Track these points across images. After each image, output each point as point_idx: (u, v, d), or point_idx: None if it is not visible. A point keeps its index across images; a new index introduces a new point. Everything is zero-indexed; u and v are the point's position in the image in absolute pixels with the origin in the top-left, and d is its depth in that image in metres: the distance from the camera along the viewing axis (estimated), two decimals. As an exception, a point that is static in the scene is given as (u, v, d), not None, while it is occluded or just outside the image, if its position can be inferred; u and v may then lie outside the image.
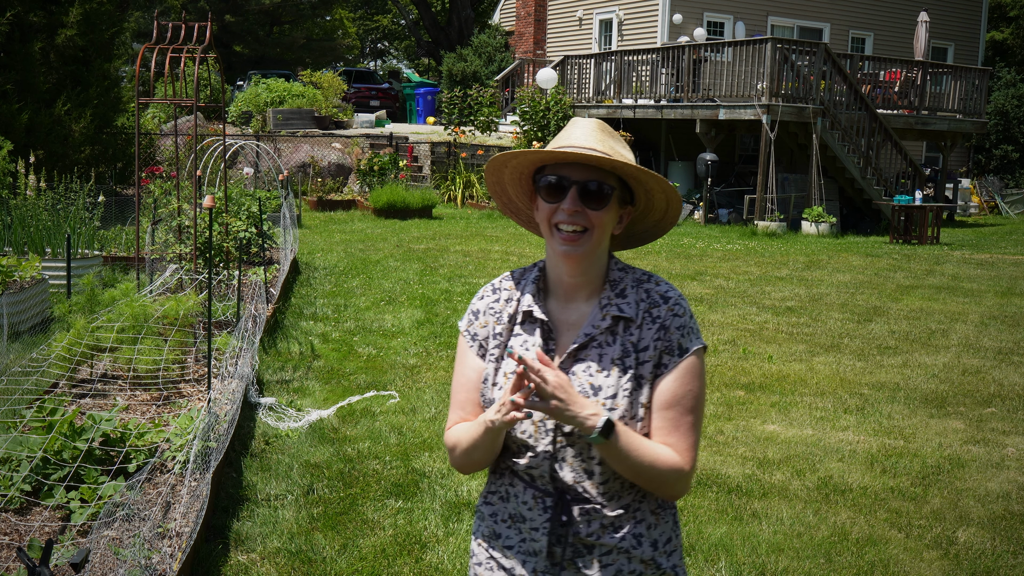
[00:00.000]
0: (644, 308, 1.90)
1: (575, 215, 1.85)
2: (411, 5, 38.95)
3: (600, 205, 1.86)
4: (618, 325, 1.89)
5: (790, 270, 12.45)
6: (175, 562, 3.49)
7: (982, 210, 24.16)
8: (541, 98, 20.83)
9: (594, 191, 1.85)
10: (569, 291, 1.94)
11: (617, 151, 1.88)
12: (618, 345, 1.88)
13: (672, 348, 1.88)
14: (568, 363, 1.89)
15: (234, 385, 5.59)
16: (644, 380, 1.88)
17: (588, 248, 1.87)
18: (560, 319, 1.94)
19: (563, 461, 1.88)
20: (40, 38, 14.70)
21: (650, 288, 1.93)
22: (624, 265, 1.97)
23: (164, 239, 8.57)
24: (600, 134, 1.89)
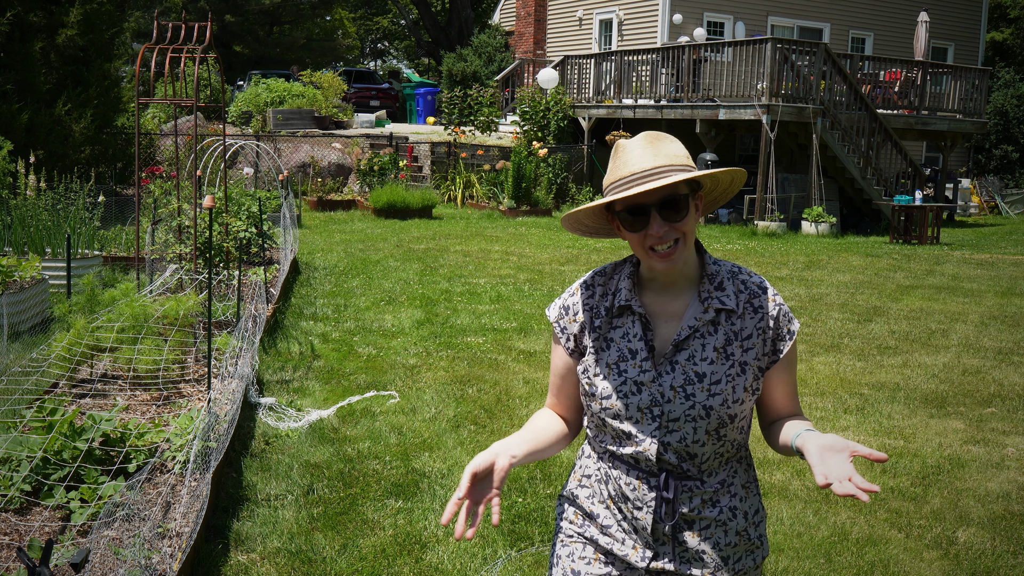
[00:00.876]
0: (745, 299, 2.01)
1: (667, 233, 1.93)
2: (411, 5, 38.96)
3: (683, 215, 1.94)
4: (720, 316, 2.00)
5: (790, 270, 12.45)
6: (175, 562, 3.49)
7: (982, 210, 24.16)
8: (541, 98, 20.83)
9: (672, 206, 1.93)
10: (665, 285, 2.04)
11: (673, 154, 1.95)
12: (721, 335, 1.99)
13: (783, 335, 2.02)
14: (671, 354, 1.98)
15: (234, 385, 5.60)
16: (748, 366, 1.99)
17: (684, 255, 1.97)
18: (656, 311, 2.04)
19: (668, 445, 1.98)
20: (40, 38, 14.70)
21: (744, 280, 2.04)
22: (716, 259, 2.06)
23: (164, 239, 8.57)
24: (652, 147, 1.95)
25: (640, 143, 1.96)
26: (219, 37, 33.89)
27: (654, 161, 1.92)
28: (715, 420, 1.96)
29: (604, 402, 2.02)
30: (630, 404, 1.99)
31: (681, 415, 1.96)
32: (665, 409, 1.97)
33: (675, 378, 1.98)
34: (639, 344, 2.01)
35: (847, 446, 1.81)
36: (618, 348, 2.03)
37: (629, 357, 2.01)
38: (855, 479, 1.74)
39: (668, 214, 1.93)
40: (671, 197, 1.92)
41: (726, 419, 1.97)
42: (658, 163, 1.92)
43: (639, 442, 1.99)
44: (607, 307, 2.06)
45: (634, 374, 2.00)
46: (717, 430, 1.98)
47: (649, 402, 1.98)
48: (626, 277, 2.07)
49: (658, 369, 1.99)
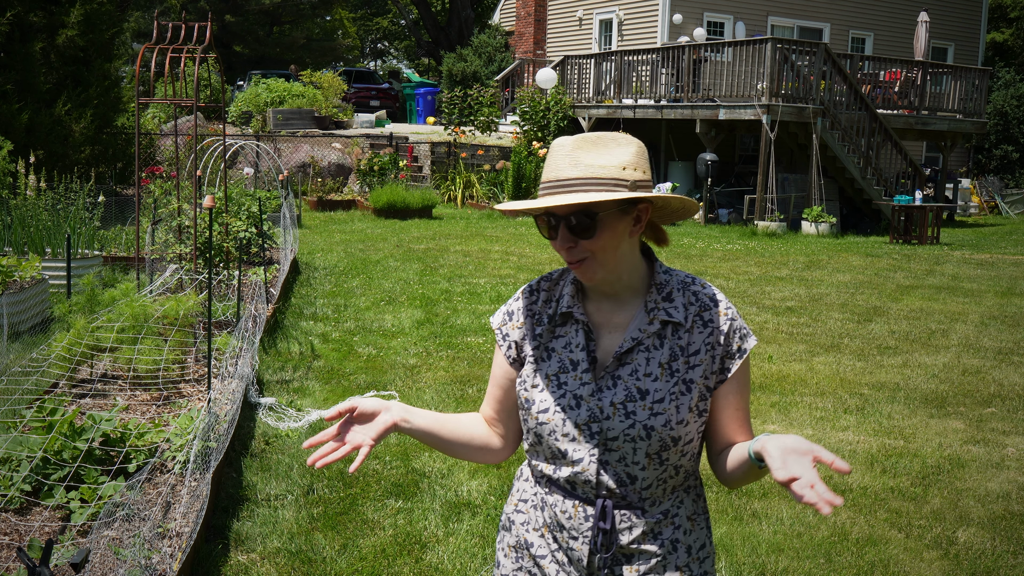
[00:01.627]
0: (694, 312, 1.87)
1: (572, 250, 1.79)
2: (411, 5, 38.96)
3: (590, 234, 1.77)
4: (666, 329, 1.85)
5: (790, 270, 12.45)
6: (175, 562, 3.49)
7: (982, 210, 24.16)
8: (541, 98, 20.83)
9: (579, 224, 1.77)
10: (605, 294, 1.90)
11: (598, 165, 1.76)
12: (666, 349, 1.84)
13: (732, 352, 1.87)
14: (613, 367, 1.84)
15: (234, 385, 5.60)
16: (694, 385, 1.84)
17: (598, 271, 1.82)
18: (599, 321, 1.90)
19: (607, 466, 1.84)
20: (40, 38, 14.70)
21: (697, 291, 1.89)
22: (668, 268, 1.92)
23: (164, 239, 8.57)
24: (574, 156, 1.78)
25: (566, 148, 1.80)
26: (219, 37, 33.89)
27: (571, 172, 1.77)
28: (656, 442, 1.81)
29: (540, 416, 1.88)
30: (567, 419, 1.84)
31: (620, 434, 1.81)
32: (604, 427, 1.82)
33: (616, 393, 1.83)
34: (580, 355, 1.86)
35: (811, 449, 1.65)
36: (559, 359, 1.88)
37: (570, 368, 1.87)
38: (819, 487, 1.59)
39: (575, 231, 1.77)
40: (579, 214, 1.76)
41: (668, 441, 1.82)
42: (575, 175, 1.76)
43: (576, 462, 1.84)
44: (550, 314, 1.93)
45: (574, 387, 1.85)
46: (659, 453, 1.82)
47: (587, 418, 1.83)
48: (570, 283, 1.93)
49: (598, 383, 1.84)
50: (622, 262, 1.84)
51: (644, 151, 1.82)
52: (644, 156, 1.81)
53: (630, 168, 1.77)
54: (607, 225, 1.78)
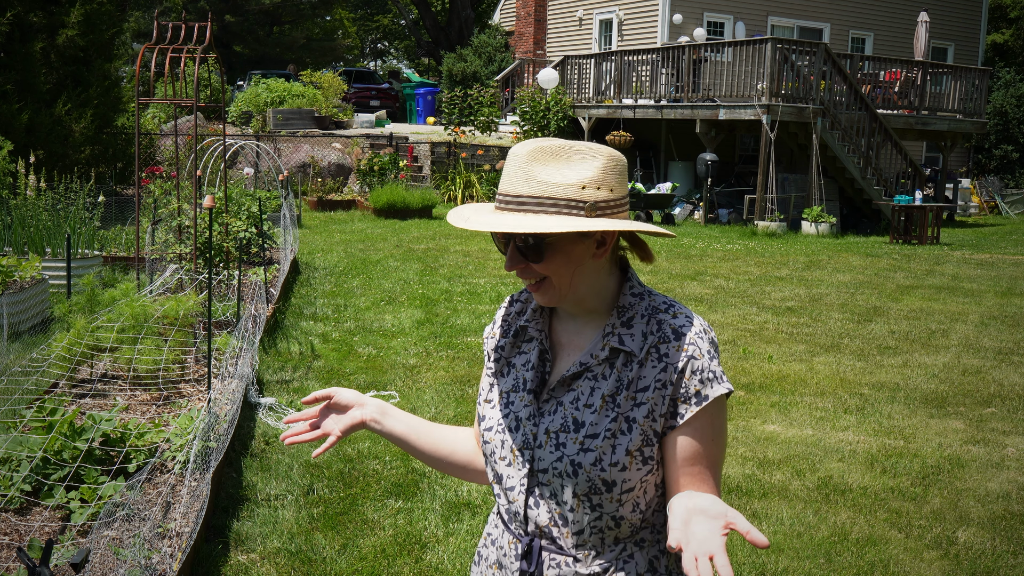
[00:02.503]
0: (652, 343, 1.64)
1: (524, 271, 1.63)
2: (411, 5, 38.97)
3: (539, 257, 1.60)
4: (617, 358, 1.65)
5: (790, 270, 12.45)
6: (175, 562, 3.49)
7: (982, 210, 24.16)
8: (541, 98, 20.83)
9: (528, 247, 1.60)
10: (569, 314, 1.74)
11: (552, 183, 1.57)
12: (612, 379, 1.64)
13: (688, 395, 1.61)
14: (559, 391, 1.68)
15: (234, 385, 5.60)
16: (636, 425, 1.61)
17: (555, 293, 1.64)
18: (561, 341, 1.73)
19: (540, 499, 1.65)
20: (40, 38, 14.70)
21: (664, 320, 1.65)
22: (643, 290, 1.71)
23: (164, 239, 8.57)
24: (530, 167, 1.58)
25: (521, 158, 1.60)
26: (219, 37, 33.90)
27: (522, 187, 1.58)
28: (584, 482, 1.60)
29: (486, 434, 1.74)
30: (505, 442, 1.70)
31: (549, 467, 1.64)
32: (535, 455, 1.65)
33: (553, 421, 1.66)
34: (530, 375, 1.71)
35: (724, 514, 1.41)
36: (515, 375, 1.74)
37: (520, 388, 1.72)
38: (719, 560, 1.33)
39: (525, 253, 1.61)
40: (525, 237, 1.59)
41: (599, 484, 1.60)
42: (525, 192, 1.57)
43: (509, 490, 1.69)
44: (517, 328, 1.78)
45: (518, 408, 1.71)
46: (588, 496, 1.61)
47: (522, 443, 1.67)
48: None
49: (541, 407, 1.68)
50: (583, 285, 1.66)
51: (614, 164, 1.61)
52: (613, 171, 1.60)
53: (591, 187, 1.57)
54: (559, 249, 1.60)
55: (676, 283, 11.07)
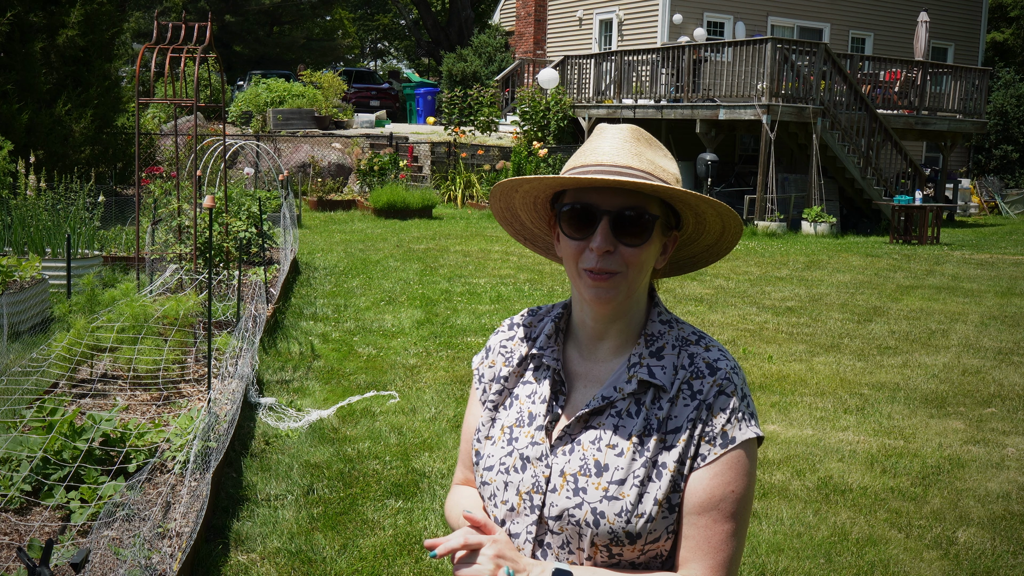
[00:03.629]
0: (684, 378, 1.50)
1: (607, 256, 1.47)
2: (411, 5, 38.96)
3: (639, 240, 1.48)
4: (646, 393, 1.50)
5: (790, 270, 12.45)
6: (175, 562, 3.49)
7: (982, 210, 24.16)
8: (541, 98, 20.83)
9: (631, 222, 1.47)
10: (593, 338, 1.57)
11: (659, 165, 1.49)
12: (641, 419, 1.48)
13: (714, 435, 1.47)
14: (576, 428, 1.51)
15: (234, 385, 5.60)
16: (666, 471, 1.46)
17: (623, 292, 1.50)
18: (577, 371, 1.57)
19: (548, 548, 1.50)
20: (41, 38, 14.70)
21: (696, 353, 1.52)
22: (671, 317, 1.58)
23: (164, 239, 8.57)
24: (636, 145, 1.50)
25: (623, 134, 1.51)
26: (219, 37, 33.90)
27: (631, 160, 1.48)
28: (606, 533, 1.45)
29: (485, 474, 1.56)
30: (509, 484, 1.52)
31: (563, 513, 1.47)
32: (547, 500, 1.48)
33: (570, 462, 1.49)
34: (541, 408, 1.54)
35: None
36: (519, 408, 1.57)
37: (526, 423, 1.54)
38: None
39: (623, 231, 1.47)
40: (634, 211, 1.46)
41: (623, 536, 1.45)
42: (637, 164, 1.47)
43: (514, 536, 1.51)
44: (522, 354, 1.61)
45: (524, 445, 1.53)
46: (609, 547, 1.46)
47: (531, 486, 1.50)
48: (552, 321, 1.61)
49: (554, 445, 1.51)
50: (637, 295, 1.54)
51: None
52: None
53: (679, 182, 1.52)
54: (655, 238, 1.50)
55: (676, 283, 11.07)
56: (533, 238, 1.69)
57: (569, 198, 1.50)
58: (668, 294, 10.32)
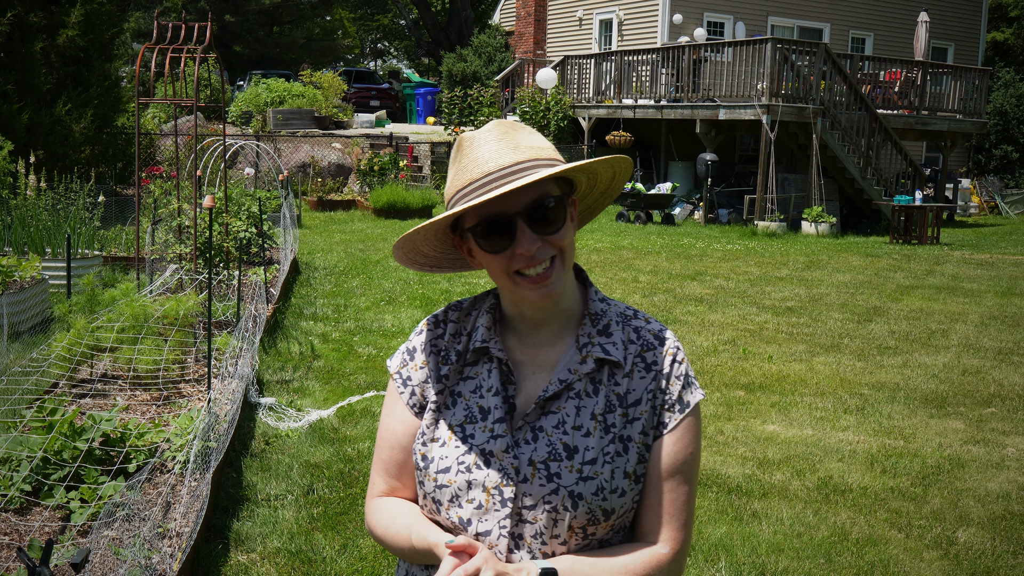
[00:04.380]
0: (635, 351, 1.52)
1: (540, 251, 1.47)
2: (411, 5, 38.96)
3: (558, 224, 1.48)
4: (601, 371, 1.51)
5: (790, 270, 12.45)
6: (175, 562, 3.49)
7: (982, 210, 24.16)
8: (541, 98, 20.83)
9: (544, 212, 1.47)
10: (535, 325, 1.56)
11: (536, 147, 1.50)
12: (601, 396, 1.50)
13: (673, 403, 1.52)
14: (535, 416, 1.50)
15: (234, 385, 5.60)
16: (632, 444, 1.49)
17: (561, 279, 1.51)
18: (522, 359, 1.55)
19: (521, 540, 1.48)
20: (41, 38, 14.71)
21: (640, 327, 1.55)
22: (604, 296, 1.59)
23: (164, 239, 8.57)
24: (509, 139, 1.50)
25: (492, 134, 1.50)
26: (219, 37, 33.90)
27: (514, 155, 1.46)
28: (583, 514, 1.46)
29: (440, 477, 1.51)
30: (474, 482, 1.48)
31: (539, 502, 1.46)
32: (519, 491, 1.47)
33: (536, 450, 1.48)
34: (494, 400, 1.51)
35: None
36: (466, 406, 1.53)
37: (479, 418, 1.51)
38: None
39: (539, 224, 1.46)
40: (542, 201, 1.46)
41: (599, 515, 1.47)
42: (520, 157, 1.46)
43: (482, 537, 1.48)
44: (459, 351, 1.57)
45: (482, 440, 1.49)
46: (584, 528, 1.47)
47: (499, 480, 1.47)
48: (485, 312, 1.58)
49: (515, 436, 1.49)
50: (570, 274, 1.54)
51: None
52: None
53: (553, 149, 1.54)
54: (567, 212, 1.51)
55: (676, 283, 11.07)
56: (438, 263, 1.69)
57: (475, 217, 1.49)
58: (668, 294, 10.32)
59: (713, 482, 4.95)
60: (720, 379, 6.96)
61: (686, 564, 1.57)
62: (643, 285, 10.85)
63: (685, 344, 8.01)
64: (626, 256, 13.18)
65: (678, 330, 8.56)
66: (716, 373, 7.12)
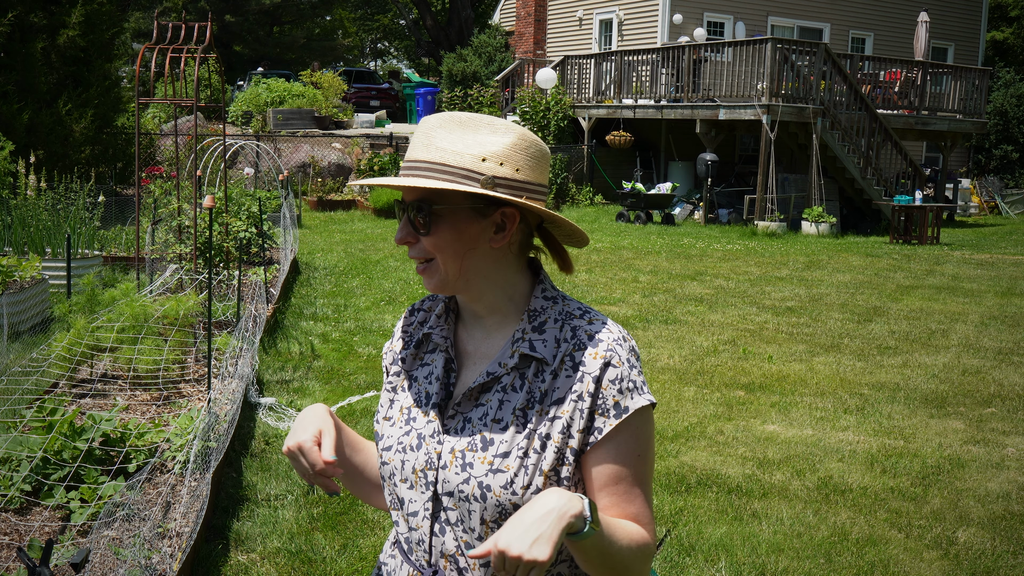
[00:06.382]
0: (566, 350, 1.51)
1: (411, 247, 1.54)
2: (411, 5, 38.96)
3: (426, 229, 1.50)
4: (528, 367, 1.52)
5: (790, 270, 12.45)
6: (175, 562, 3.49)
7: (982, 210, 24.15)
8: (541, 98, 20.83)
9: (419, 212, 1.50)
10: (473, 315, 1.60)
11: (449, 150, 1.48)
12: (524, 392, 1.51)
13: (607, 408, 1.48)
14: (466, 405, 1.54)
15: (234, 385, 5.60)
16: (550, 442, 1.48)
17: (440, 277, 1.53)
18: (469, 350, 1.60)
19: (446, 525, 1.51)
20: (41, 38, 14.71)
21: (578, 327, 1.53)
22: (557, 293, 1.58)
23: (164, 239, 8.57)
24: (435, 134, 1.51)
25: (429, 125, 1.53)
26: (219, 37, 33.91)
27: (423, 153, 1.50)
28: (493, 507, 1.46)
29: (384, 455, 1.59)
30: (406, 462, 1.55)
31: (455, 490, 1.49)
32: (440, 477, 1.51)
33: (460, 439, 1.52)
34: (435, 387, 1.57)
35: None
36: (417, 389, 1.60)
37: (423, 402, 1.58)
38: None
39: (417, 223, 1.50)
40: (420, 203, 1.49)
41: (510, 510, 1.46)
42: (424, 157, 1.50)
43: (412, 515, 1.55)
44: (419, 337, 1.65)
45: (421, 424, 1.56)
46: (498, 522, 1.47)
47: (424, 464, 1.53)
48: (442, 301, 1.64)
49: (446, 423, 1.54)
50: (479, 276, 1.54)
51: (527, 145, 1.51)
52: (524, 151, 1.50)
53: (493, 161, 1.47)
54: (448, 223, 1.49)
55: (676, 283, 11.07)
56: None
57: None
58: (668, 294, 10.32)
59: (713, 482, 4.95)
60: (720, 379, 6.96)
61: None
62: (643, 285, 10.85)
63: (685, 344, 8.01)
64: (626, 256, 13.18)
65: (678, 330, 8.56)
66: (716, 373, 7.12)
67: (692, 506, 4.61)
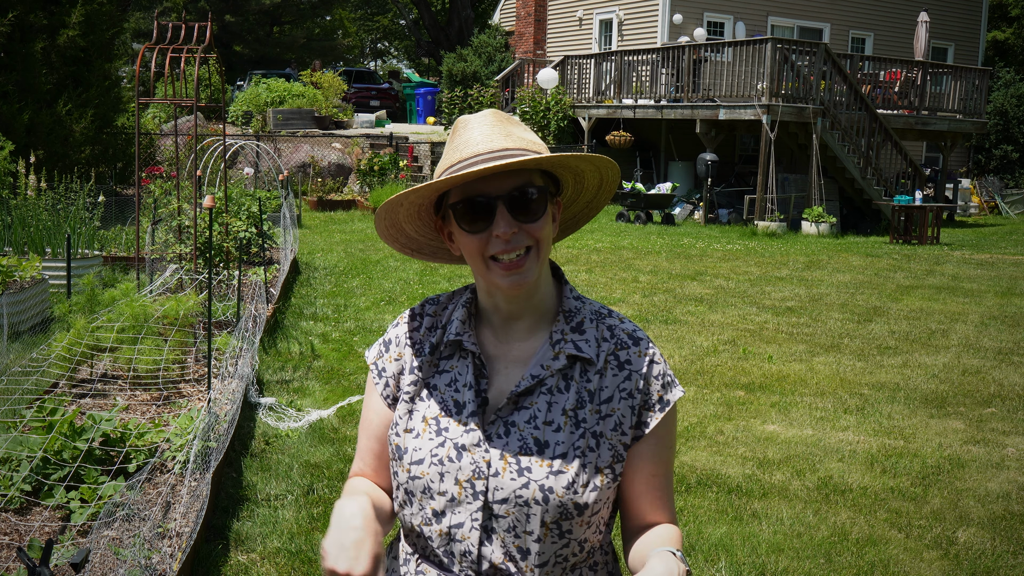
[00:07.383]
0: (608, 349, 1.55)
1: (515, 237, 1.49)
2: (411, 5, 38.96)
3: (537, 214, 1.50)
4: (573, 367, 1.53)
5: (790, 270, 12.45)
6: (175, 562, 3.49)
7: (982, 210, 24.15)
8: (541, 98, 20.83)
9: (526, 199, 1.49)
10: (509, 319, 1.58)
11: (528, 140, 1.53)
12: (572, 392, 1.52)
13: (652, 403, 1.54)
14: (508, 411, 1.52)
15: (234, 385, 5.60)
16: (604, 440, 1.51)
17: (535, 271, 1.52)
18: (495, 354, 1.58)
19: (493, 534, 1.49)
20: (41, 39, 14.71)
21: (614, 325, 1.58)
22: (580, 295, 1.62)
23: (164, 239, 8.57)
24: (503, 127, 1.53)
25: (487, 119, 1.54)
26: (219, 37, 33.91)
27: (505, 142, 1.50)
28: (555, 509, 1.47)
29: (413, 469, 1.53)
30: (446, 474, 1.50)
31: (511, 496, 1.47)
32: (490, 485, 1.48)
33: (508, 444, 1.50)
34: (468, 395, 1.53)
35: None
36: (441, 398, 1.55)
37: (453, 411, 1.53)
38: None
39: (520, 210, 1.49)
40: (524, 188, 1.49)
41: (572, 510, 1.48)
42: (510, 144, 1.50)
43: (455, 527, 1.50)
44: (433, 343, 1.60)
45: (456, 434, 1.52)
46: (558, 523, 1.48)
47: (471, 473, 1.49)
48: (461, 306, 1.60)
49: (487, 430, 1.51)
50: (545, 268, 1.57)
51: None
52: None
53: (547, 150, 1.56)
54: (544, 207, 1.52)
55: (676, 283, 11.07)
56: (419, 247, 1.70)
57: (458, 195, 1.52)
58: (668, 294, 10.32)
59: (713, 482, 4.95)
60: (720, 379, 6.96)
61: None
62: (643, 285, 10.85)
63: (685, 344, 8.01)
64: (626, 256, 13.18)
65: (678, 330, 8.56)
66: (716, 373, 7.12)
67: (692, 506, 4.61)
